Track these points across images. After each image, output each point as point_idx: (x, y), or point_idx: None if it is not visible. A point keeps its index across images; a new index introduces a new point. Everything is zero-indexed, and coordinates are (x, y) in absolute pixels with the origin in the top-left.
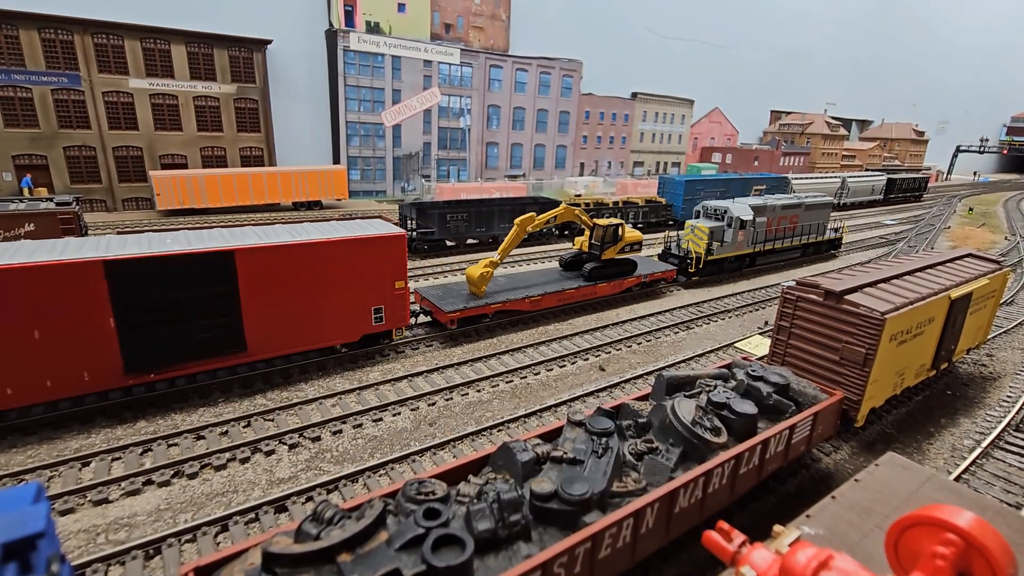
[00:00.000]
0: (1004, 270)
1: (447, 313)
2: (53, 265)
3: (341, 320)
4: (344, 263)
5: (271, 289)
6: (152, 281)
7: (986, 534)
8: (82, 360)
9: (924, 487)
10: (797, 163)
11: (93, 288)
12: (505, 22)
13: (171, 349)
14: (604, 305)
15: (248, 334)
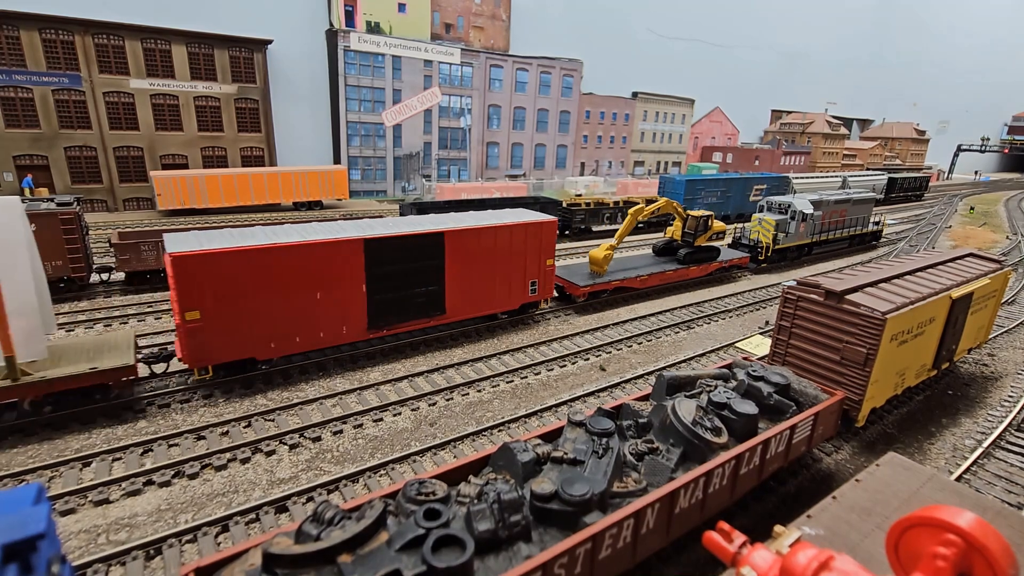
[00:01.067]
0: (1005, 270)
1: (580, 287)
2: (332, 242)
3: (508, 290)
4: (513, 243)
5: (465, 264)
6: (390, 255)
7: (987, 535)
8: (343, 317)
9: (925, 487)
10: (798, 162)
11: (355, 260)
12: (505, 22)
13: (397, 310)
14: (605, 305)
15: (448, 300)
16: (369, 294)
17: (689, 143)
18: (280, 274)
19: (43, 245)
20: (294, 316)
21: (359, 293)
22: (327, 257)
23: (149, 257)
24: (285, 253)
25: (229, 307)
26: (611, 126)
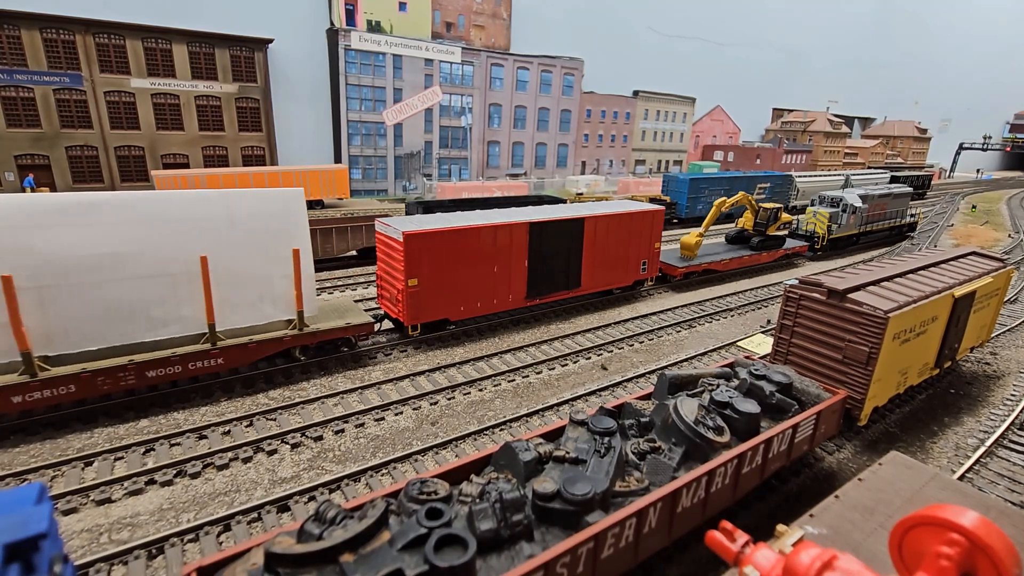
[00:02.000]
0: (1008, 268)
1: (678, 268)
2: (508, 224)
3: (625, 268)
4: (632, 228)
5: (596, 245)
6: (545, 236)
7: (991, 534)
8: (510, 287)
9: (928, 486)
10: (799, 161)
11: (521, 240)
12: (506, 20)
13: (548, 282)
14: (606, 304)
15: (583, 275)
16: (529, 268)
17: (690, 142)
18: (471, 250)
19: None
20: (478, 285)
21: (522, 267)
22: (503, 237)
23: None
24: (476, 233)
25: (436, 276)
26: (612, 125)
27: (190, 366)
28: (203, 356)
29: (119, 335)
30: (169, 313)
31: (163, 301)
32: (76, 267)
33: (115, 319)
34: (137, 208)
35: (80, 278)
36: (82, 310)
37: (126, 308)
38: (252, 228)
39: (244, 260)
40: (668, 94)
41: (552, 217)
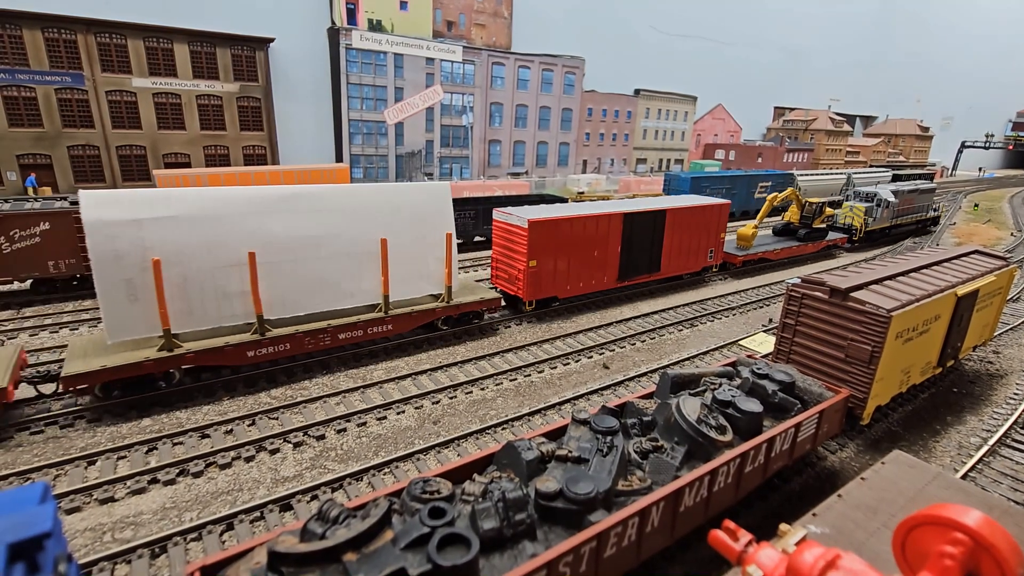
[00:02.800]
0: (1011, 267)
1: (739, 256)
2: (608, 214)
3: (696, 256)
4: (702, 219)
5: (674, 234)
6: (635, 226)
7: (995, 533)
8: (606, 270)
9: (931, 485)
10: (801, 160)
11: (616, 228)
12: (507, 19)
13: (635, 266)
14: (607, 304)
15: (663, 261)
16: (621, 254)
17: (692, 140)
18: (579, 236)
19: (57, 243)
20: (582, 267)
21: (616, 252)
22: (604, 225)
23: None
24: (584, 222)
25: (551, 259)
26: (613, 124)
27: (368, 331)
28: (378, 323)
29: (317, 303)
30: (354, 286)
31: (351, 276)
32: (289, 247)
33: (315, 290)
34: (331, 198)
35: (292, 256)
36: (293, 282)
37: (323, 281)
38: (412, 215)
39: (407, 242)
40: (669, 93)
41: (641, 209)
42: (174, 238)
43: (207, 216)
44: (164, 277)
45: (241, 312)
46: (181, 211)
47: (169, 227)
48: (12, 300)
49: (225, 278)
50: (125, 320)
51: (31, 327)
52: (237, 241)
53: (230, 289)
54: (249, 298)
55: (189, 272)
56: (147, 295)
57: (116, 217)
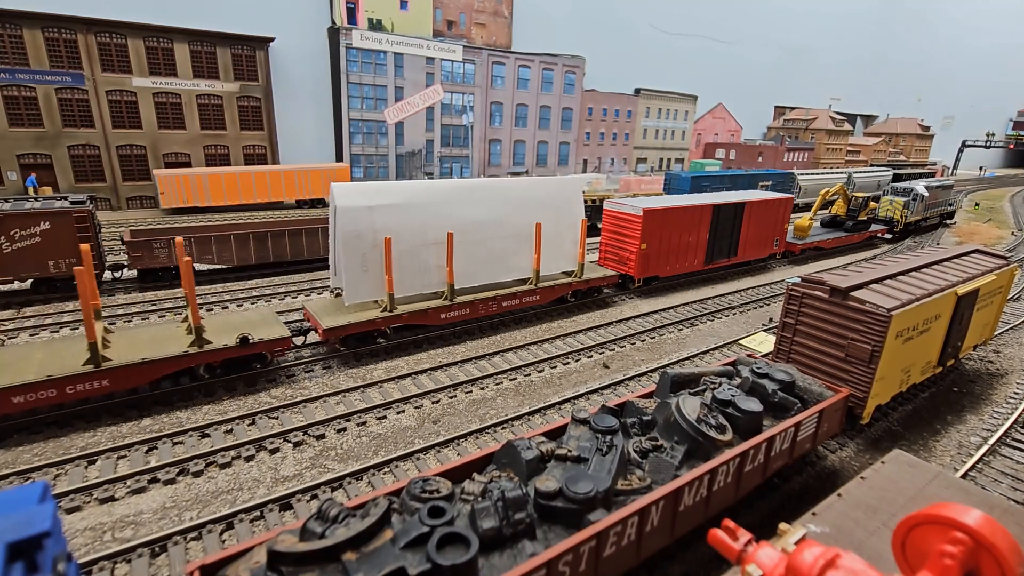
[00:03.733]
0: (1011, 266)
1: (798, 245)
2: (700, 205)
3: (764, 244)
4: (771, 211)
5: (750, 223)
6: (720, 216)
7: (995, 533)
8: (696, 254)
9: (931, 485)
10: (801, 159)
11: (706, 217)
12: (507, 18)
13: (717, 251)
14: (608, 303)
15: (739, 248)
16: (709, 240)
17: (692, 140)
18: (679, 224)
19: (57, 243)
20: (679, 250)
21: (705, 239)
22: (697, 215)
23: (161, 254)
24: (683, 211)
25: (656, 243)
26: (613, 123)
27: (523, 299)
28: (529, 293)
29: (488, 276)
30: (514, 263)
31: (512, 254)
32: (473, 229)
33: (488, 265)
34: (500, 189)
35: (474, 236)
36: (473, 258)
37: (493, 257)
38: (556, 204)
39: (552, 227)
40: (670, 92)
41: (725, 201)
42: (394, 221)
43: (417, 203)
44: (385, 252)
45: (436, 282)
46: (399, 199)
47: (391, 212)
48: (12, 300)
49: (427, 254)
50: (359, 287)
51: (31, 327)
52: (438, 224)
53: (430, 263)
54: (444, 271)
55: (403, 249)
56: (374, 267)
57: (356, 204)
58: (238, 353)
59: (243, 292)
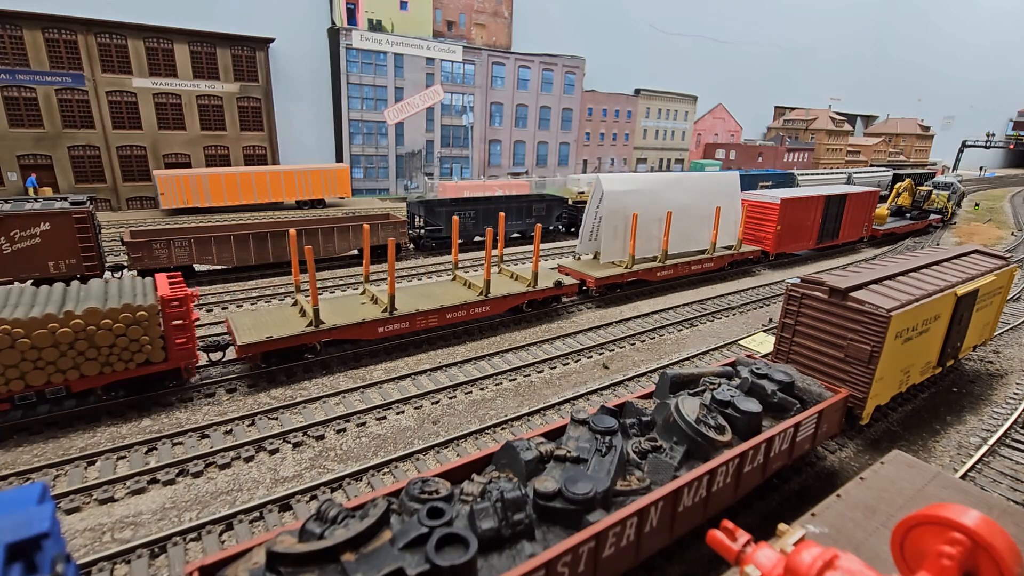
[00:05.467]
0: (1011, 266)
1: (880, 230)
2: (815, 196)
3: (857, 228)
4: (862, 201)
5: (848, 211)
6: (830, 204)
7: (993, 533)
8: (811, 236)
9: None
10: (801, 159)
11: (820, 206)
12: (507, 19)
13: (824, 234)
14: (608, 303)
15: (840, 231)
16: (821, 224)
17: (692, 140)
18: (802, 211)
19: (57, 244)
20: (799, 232)
21: (818, 223)
22: (815, 204)
23: (161, 255)
24: (807, 201)
25: (786, 225)
26: (613, 123)
27: (703, 266)
28: (704, 261)
29: (684, 246)
30: (699, 237)
31: (699, 229)
32: (680, 209)
33: (685, 237)
34: (694, 180)
35: (680, 214)
36: (678, 231)
37: (689, 232)
38: (724, 192)
39: (724, 211)
40: (670, 92)
41: (833, 192)
42: (637, 202)
43: (648, 190)
44: (631, 226)
45: (655, 248)
46: (639, 187)
47: (636, 196)
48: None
49: (651, 227)
50: (611, 250)
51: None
52: (659, 206)
53: (652, 234)
54: (660, 240)
55: (640, 222)
56: (621, 235)
57: (617, 189)
58: (553, 293)
59: (243, 292)
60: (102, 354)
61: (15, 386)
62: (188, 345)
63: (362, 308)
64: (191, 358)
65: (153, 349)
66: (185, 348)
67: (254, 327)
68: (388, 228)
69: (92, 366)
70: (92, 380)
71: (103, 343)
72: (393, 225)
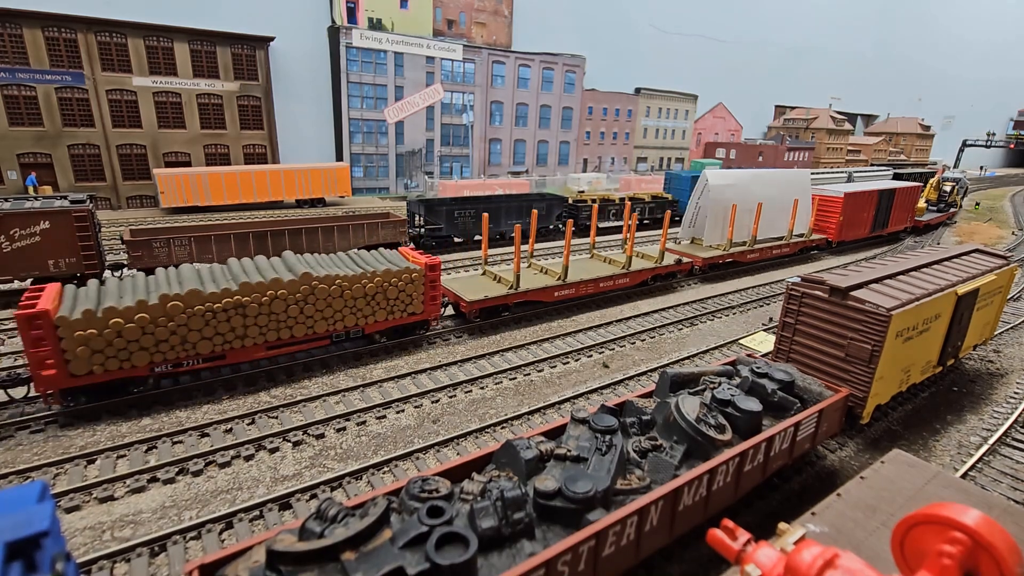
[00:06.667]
0: (1011, 265)
1: (922, 221)
2: (871, 191)
3: (902, 219)
4: (907, 195)
5: (895, 204)
6: (881, 198)
7: (993, 533)
8: (865, 225)
9: (930, 484)
10: (801, 158)
11: (874, 199)
12: (508, 18)
13: (876, 223)
14: (608, 302)
15: (889, 222)
16: (874, 215)
17: (692, 139)
18: (859, 204)
19: (57, 242)
20: (856, 222)
21: (871, 215)
22: (870, 197)
23: (161, 254)
24: (863, 194)
25: (847, 216)
26: (614, 122)
27: (782, 251)
28: (783, 247)
29: (766, 232)
30: (778, 226)
31: (780, 219)
32: (765, 202)
33: (769, 225)
34: (776, 176)
35: (766, 206)
36: (764, 220)
37: (772, 221)
38: (798, 187)
39: (800, 203)
40: (670, 91)
41: (885, 187)
42: (735, 195)
43: (742, 184)
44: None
45: (745, 235)
46: (736, 181)
47: (734, 189)
48: (12, 299)
49: (743, 217)
50: (713, 235)
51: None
52: (751, 198)
53: (743, 223)
54: (752, 228)
55: (736, 213)
56: (721, 223)
57: (721, 183)
58: (673, 269)
59: None
60: (389, 304)
61: (338, 326)
62: (436, 301)
63: (527, 279)
64: (437, 312)
65: (416, 303)
66: (433, 304)
67: (470, 290)
68: (388, 227)
69: (382, 313)
70: (379, 324)
71: (392, 296)
72: (393, 224)
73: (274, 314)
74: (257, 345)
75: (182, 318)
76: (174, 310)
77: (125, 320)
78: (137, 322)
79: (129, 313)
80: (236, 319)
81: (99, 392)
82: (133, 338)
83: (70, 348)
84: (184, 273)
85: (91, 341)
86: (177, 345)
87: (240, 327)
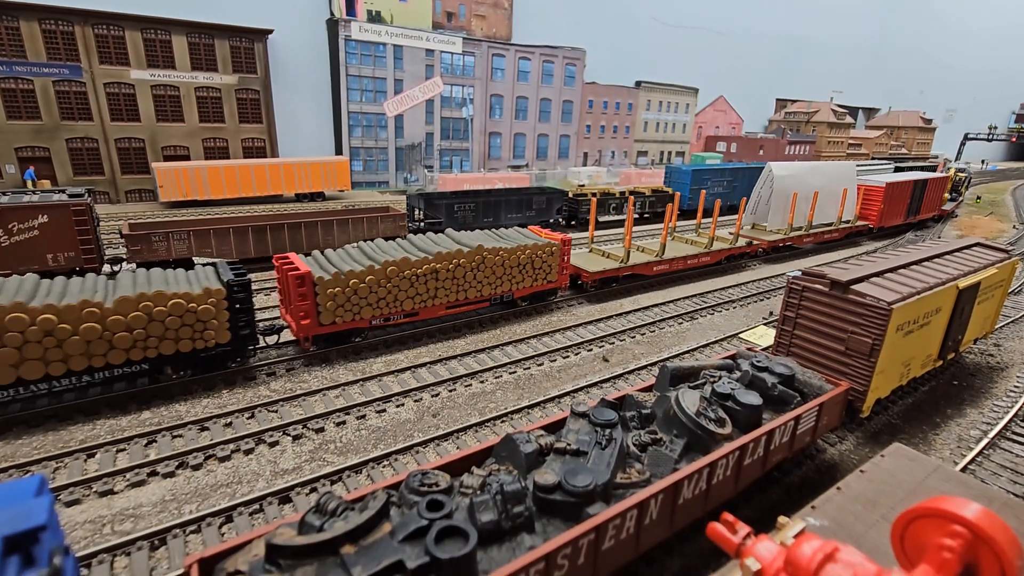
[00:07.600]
0: (1012, 259)
1: (945, 210)
2: (905, 181)
3: (930, 208)
4: (937, 185)
5: (927, 193)
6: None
7: (994, 526)
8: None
9: (930, 478)
10: (803, 152)
11: (909, 189)
12: (508, 10)
13: (910, 211)
14: (608, 297)
15: (921, 209)
16: (909, 203)
17: (693, 133)
18: (898, 193)
19: (56, 236)
20: (895, 210)
21: (906, 203)
22: (905, 187)
23: (160, 248)
24: (901, 184)
25: (888, 205)
26: (614, 116)
27: (831, 236)
28: (832, 232)
29: (816, 219)
30: (827, 213)
31: (829, 206)
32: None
33: (819, 213)
34: (827, 168)
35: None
36: (819, 208)
37: (822, 208)
38: (844, 177)
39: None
40: (670, 84)
41: (919, 178)
42: (795, 184)
43: (799, 175)
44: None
45: (799, 221)
46: (795, 172)
47: (794, 180)
48: None
49: (800, 204)
50: (775, 219)
51: None
52: (808, 187)
53: (800, 210)
54: (808, 214)
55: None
56: (782, 209)
57: (784, 174)
58: (743, 250)
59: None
60: (535, 273)
61: (497, 290)
62: (565, 273)
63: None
64: (566, 281)
65: (553, 272)
66: (563, 275)
67: (588, 264)
68: (388, 221)
69: (528, 280)
70: (525, 290)
71: (537, 265)
72: (393, 218)
73: (456, 279)
74: (441, 304)
75: (396, 280)
76: (392, 273)
77: (359, 280)
78: (367, 283)
79: (362, 275)
80: (431, 282)
81: (334, 339)
82: (363, 295)
83: (323, 302)
84: (384, 246)
85: (337, 297)
86: (392, 302)
87: (433, 288)
